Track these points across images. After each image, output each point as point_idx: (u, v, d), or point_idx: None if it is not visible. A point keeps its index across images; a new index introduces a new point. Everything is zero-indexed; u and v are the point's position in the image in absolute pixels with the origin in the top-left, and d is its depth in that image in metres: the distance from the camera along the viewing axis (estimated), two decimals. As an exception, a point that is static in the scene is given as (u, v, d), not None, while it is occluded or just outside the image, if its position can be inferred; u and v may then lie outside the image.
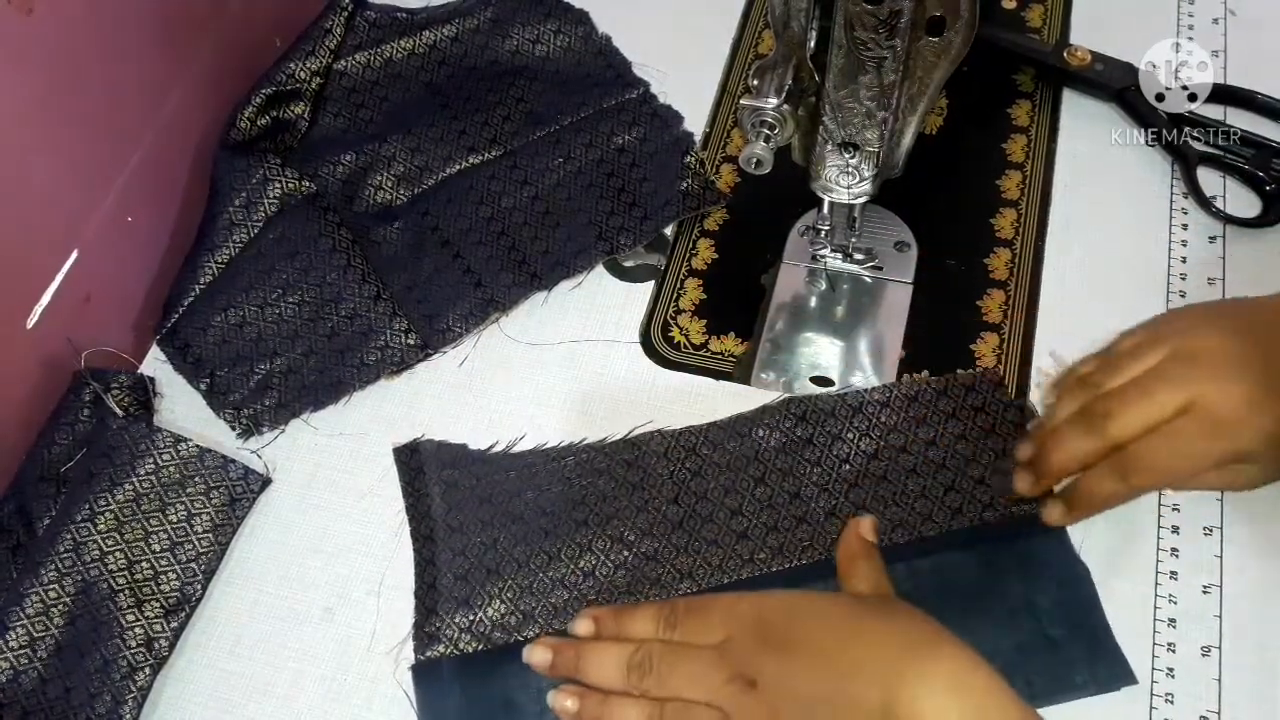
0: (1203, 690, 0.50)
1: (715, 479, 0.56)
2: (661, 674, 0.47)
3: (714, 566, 0.54)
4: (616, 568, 0.55)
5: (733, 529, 0.55)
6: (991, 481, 0.55)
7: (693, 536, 0.55)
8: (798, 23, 0.50)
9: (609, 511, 0.56)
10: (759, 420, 0.57)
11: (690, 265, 0.65)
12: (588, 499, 0.57)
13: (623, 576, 0.55)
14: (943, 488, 0.55)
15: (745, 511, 0.55)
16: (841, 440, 0.57)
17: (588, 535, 0.56)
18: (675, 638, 0.48)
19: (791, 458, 0.57)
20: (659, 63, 0.71)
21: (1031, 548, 0.53)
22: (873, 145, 0.53)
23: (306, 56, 0.70)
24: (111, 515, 0.55)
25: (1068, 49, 0.68)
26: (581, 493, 0.57)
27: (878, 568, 0.49)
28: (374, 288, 0.64)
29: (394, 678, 0.53)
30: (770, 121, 0.51)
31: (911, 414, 0.57)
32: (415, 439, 0.59)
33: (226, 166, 0.67)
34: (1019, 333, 0.60)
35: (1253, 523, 0.54)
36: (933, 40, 0.49)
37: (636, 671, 0.47)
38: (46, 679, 0.53)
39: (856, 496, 0.55)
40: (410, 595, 0.55)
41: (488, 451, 0.59)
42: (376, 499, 0.58)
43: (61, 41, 0.56)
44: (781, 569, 0.54)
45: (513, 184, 0.67)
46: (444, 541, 0.56)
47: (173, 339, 0.63)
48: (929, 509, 0.55)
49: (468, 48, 0.72)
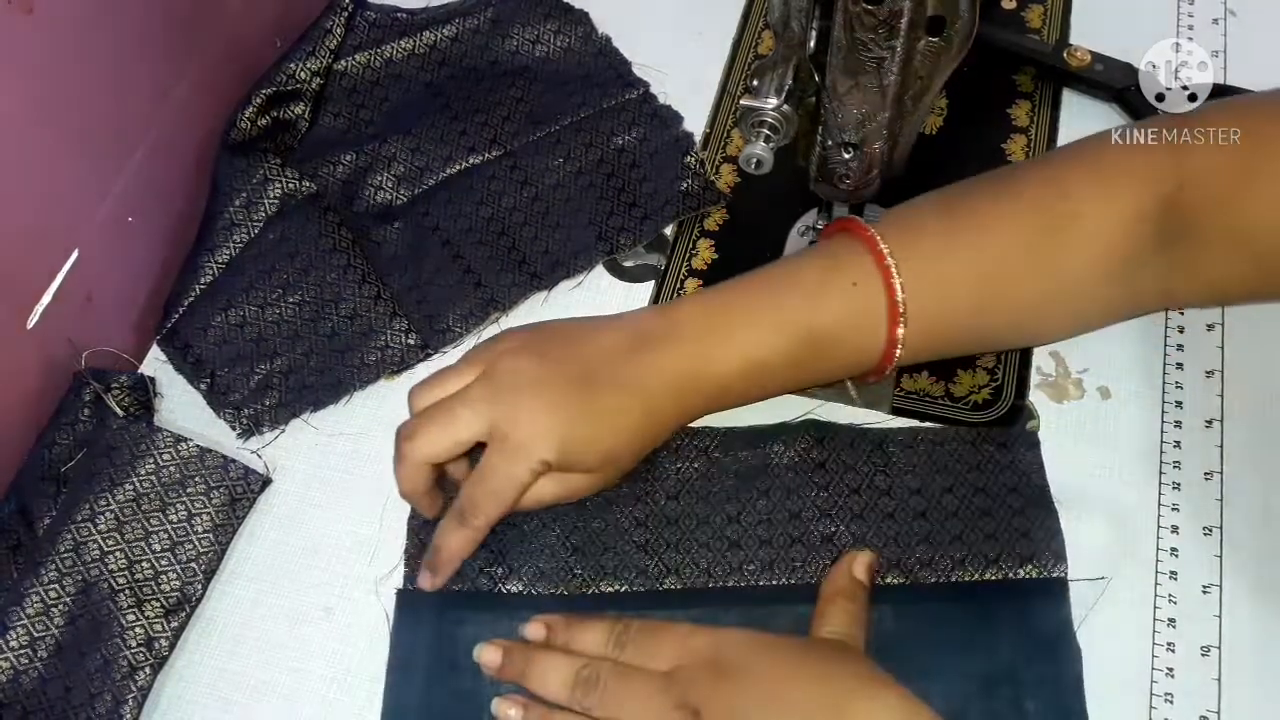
0: (1203, 690, 0.50)
1: (720, 482, 0.56)
2: (607, 694, 0.47)
3: (700, 569, 0.54)
4: (605, 550, 0.55)
5: (727, 536, 0.55)
6: (999, 537, 0.54)
7: (685, 535, 0.55)
8: (798, 23, 0.50)
9: (610, 495, 0.56)
10: (776, 435, 0.57)
11: (690, 265, 0.65)
12: None
13: (610, 560, 0.55)
14: (950, 537, 0.54)
15: (742, 521, 0.55)
16: (855, 471, 0.56)
17: (583, 515, 0.56)
18: (624, 658, 0.49)
19: (800, 477, 0.56)
20: (659, 63, 0.71)
21: (1030, 615, 0.52)
22: (873, 145, 0.53)
23: (306, 57, 0.70)
24: (112, 515, 0.55)
25: (1068, 49, 0.68)
26: None
27: (855, 613, 0.49)
28: (374, 288, 0.64)
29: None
30: (770, 122, 0.51)
31: (933, 458, 0.56)
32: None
33: (227, 167, 0.67)
34: (1019, 333, 0.60)
35: (1253, 523, 0.54)
36: (933, 40, 0.49)
37: (582, 687, 0.48)
38: (47, 679, 0.53)
39: (858, 529, 0.54)
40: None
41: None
42: (377, 498, 0.58)
43: (61, 41, 0.56)
44: (767, 585, 0.54)
45: (513, 184, 0.67)
46: (447, 484, 0.56)
47: (173, 339, 0.63)
48: (930, 556, 0.53)
49: (468, 48, 0.72)
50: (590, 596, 0.54)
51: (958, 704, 0.49)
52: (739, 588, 0.54)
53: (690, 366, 0.52)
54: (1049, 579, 0.52)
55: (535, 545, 0.55)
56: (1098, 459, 0.56)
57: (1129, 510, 0.55)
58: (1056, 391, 0.58)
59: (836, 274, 0.53)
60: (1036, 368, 0.59)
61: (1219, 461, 0.56)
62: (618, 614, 0.51)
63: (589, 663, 0.49)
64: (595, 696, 0.47)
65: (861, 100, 0.51)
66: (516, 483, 0.51)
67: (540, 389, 0.51)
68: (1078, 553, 0.53)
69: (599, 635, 0.50)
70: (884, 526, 0.54)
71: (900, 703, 0.44)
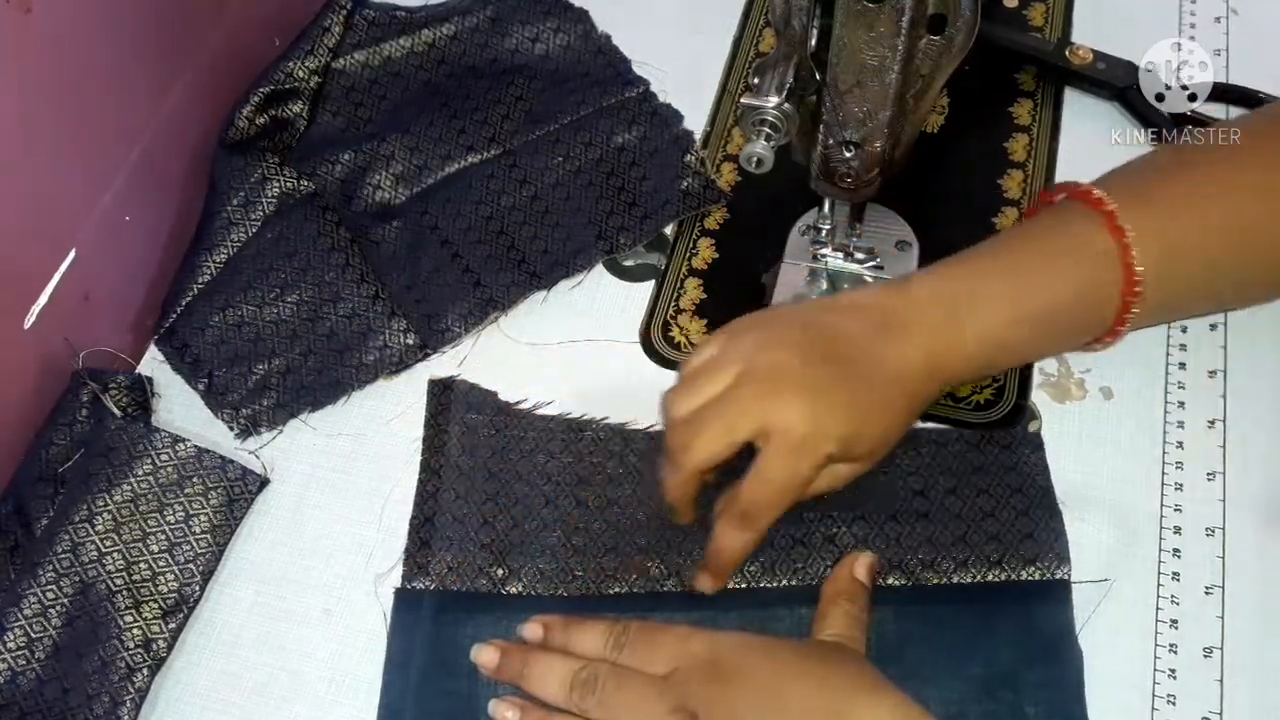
0: (1205, 692, 0.50)
1: (719, 486, 0.56)
2: (605, 696, 0.47)
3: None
4: (606, 551, 0.55)
5: None
6: (1003, 539, 0.53)
7: (687, 537, 0.55)
8: (798, 21, 0.50)
9: (611, 496, 0.56)
10: None
11: (690, 265, 0.64)
12: (594, 479, 0.57)
13: (611, 561, 0.54)
14: (953, 538, 0.54)
15: None
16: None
17: (585, 516, 0.55)
18: (622, 660, 0.48)
19: None
20: (659, 62, 0.71)
21: (1032, 617, 0.51)
22: (874, 144, 0.53)
23: (305, 55, 0.70)
24: (109, 516, 0.55)
25: (1069, 48, 0.68)
26: (589, 471, 0.57)
27: (855, 615, 0.49)
28: (373, 287, 0.63)
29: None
30: (771, 120, 0.51)
31: (936, 460, 0.56)
32: (451, 376, 0.60)
33: (225, 166, 0.66)
34: (1020, 332, 0.60)
35: (1255, 524, 0.54)
36: (934, 39, 0.49)
37: (580, 689, 0.48)
38: (44, 680, 0.52)
39: (860, 530, 0.54)
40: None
41: (514, 405, 0.59)
42: (376, 499, 0.58)
43: (60, 40, 0.56)
44: (769, 586, 0.53)
45: (512, 183, 0.66)
46: (449, 481, 0.57)
47: (171, 339, 0.63)
48: (933, 557, 0.53)
49: (467, 46, 0.72)
50: (591, 598, 0.54)
51: (957, 708, 0.49)
52: (740, 590, 0.53)
53: (936, 349, 0.51)
54: (1052, 581, 0.52)
55: (537, 546, 0.55)
56: (1100, 459, 0.56)
57: (1131, 511, 0.54)
58: (1059, 392, 0.58)
59: (1070, 243, 0.51)
60: (1039, 368, 0.59)
61: (1221, 462, 0.55)
62: (616, 616, 0.51)
63: (587, 664, 0.48)
64: (593, 699, 0.47)
65: (863, 99, 0.51)
66: (801, 479, 0.49)
67: (809, 384, 0.49)
68: (1080, 553, 0.53)
69: (597, 637, 0.50)
70: (887, 528, 0.54)
71: (899, 707, 0.44)
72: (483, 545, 0.55)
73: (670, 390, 0.52)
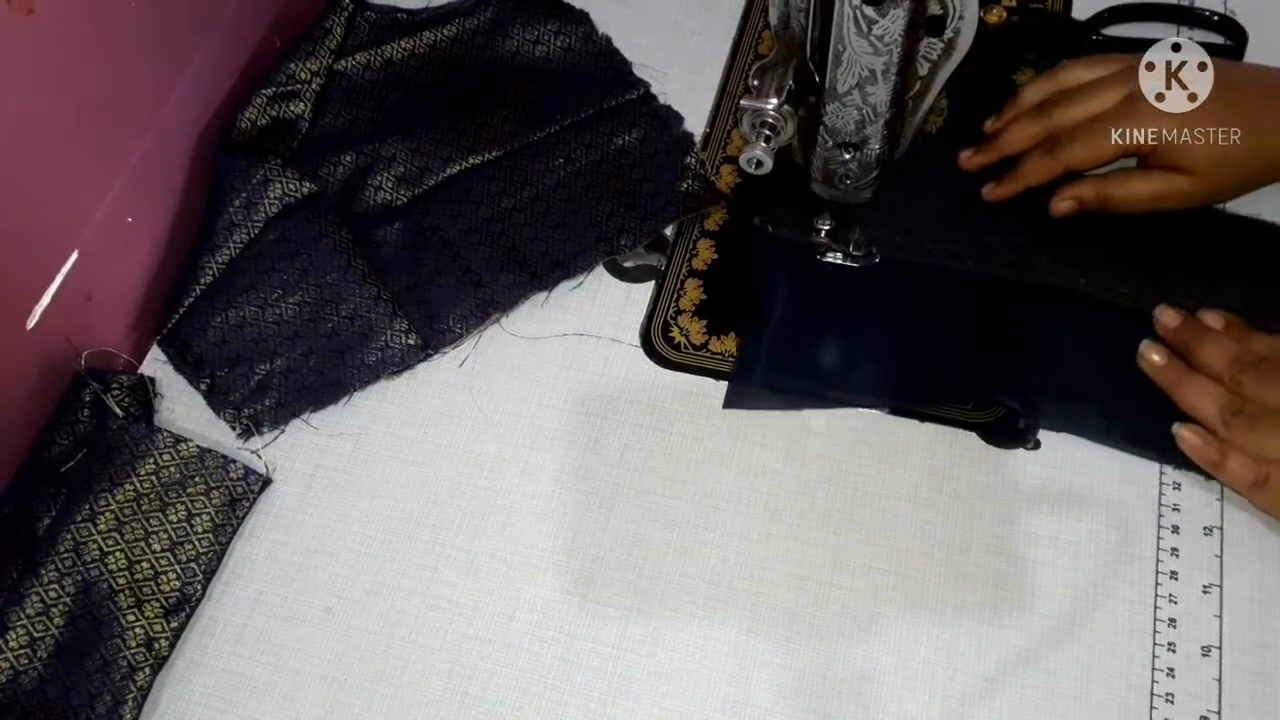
0: (1203, 690, 0.50)
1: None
2: (1263, 382, 0.50)
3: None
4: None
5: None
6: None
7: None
8: (798, 23, 0.50)
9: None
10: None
11: (690, 265, 0.65)
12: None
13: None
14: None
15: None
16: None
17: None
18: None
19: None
20: (659, 63, 0.71)
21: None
22: (873, 145, 0.53)
23: (307, 57, 0.70)
24: (112, 515, 0.55)
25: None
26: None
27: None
28: (374, 288, 0.64)
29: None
30: (771, 122, 0.51)
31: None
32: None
33: (226, 167, 0.67)
34: (1019, 333, 0.60)
35: (1253, 523, 0.54)
36: (933, 40, 0.49)
37: (1238, 366, 0.51)
38: (46, 679, 0.53)
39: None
40: (409, 594, 0.55)
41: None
42: (376, 499, 0.58)
43: (62, 42, 0.56)
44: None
45: (513, 184, 0.67)
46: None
47: (173, 339, 0.63)
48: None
49: (468, 48, 0.72)
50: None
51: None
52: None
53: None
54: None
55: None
56: (1100, 459, 0.56)
57: (1129, 510, 0.55)
58: (1057, 392, 0.58)
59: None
60: (1037, 368, 0.59)
61: (1219, 462, 0.55)
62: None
63: (1255, 356, 0.51)
64: (1251, 377, 0.50)
65: (862, 101, 0.51)
66: (1111, 143, 0.57)
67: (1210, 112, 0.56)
68: (1079, 553, 0.53)
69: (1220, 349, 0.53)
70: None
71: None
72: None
73: (1059, 94, 0.60)
